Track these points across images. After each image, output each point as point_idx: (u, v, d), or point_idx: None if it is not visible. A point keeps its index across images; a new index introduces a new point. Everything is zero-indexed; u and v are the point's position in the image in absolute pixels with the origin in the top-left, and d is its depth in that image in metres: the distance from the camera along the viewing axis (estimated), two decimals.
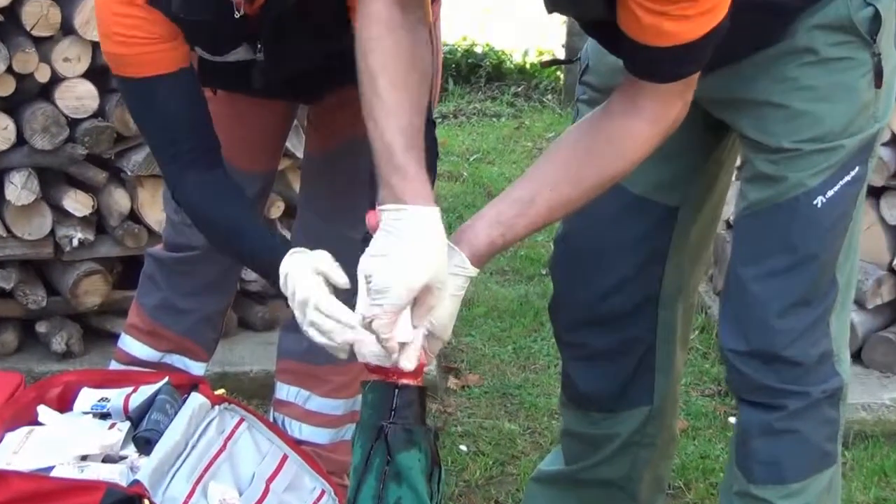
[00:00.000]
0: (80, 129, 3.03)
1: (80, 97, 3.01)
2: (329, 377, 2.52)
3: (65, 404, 2.27)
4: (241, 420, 2.28)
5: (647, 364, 2.22)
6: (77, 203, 3.09)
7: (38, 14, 2.96)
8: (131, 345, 2.59)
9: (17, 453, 2.09)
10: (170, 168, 2.15)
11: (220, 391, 2.33)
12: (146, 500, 1.98)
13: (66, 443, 2.11)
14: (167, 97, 2.07)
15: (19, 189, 3.02)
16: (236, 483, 2.19)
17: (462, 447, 3.03)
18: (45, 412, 2.21)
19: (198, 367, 2.61)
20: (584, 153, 1.74)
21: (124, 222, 3.14)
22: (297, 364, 2.56)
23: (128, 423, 2.19)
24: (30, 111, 3.00)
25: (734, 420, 2.65)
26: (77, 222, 3.11)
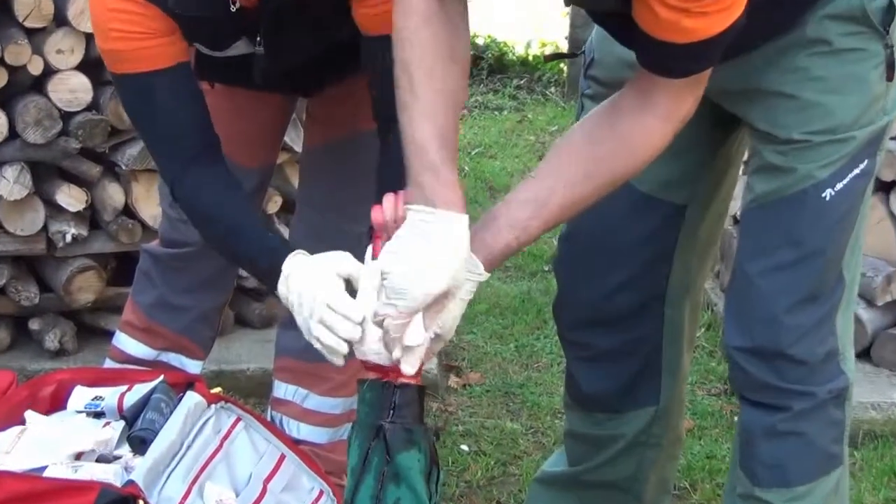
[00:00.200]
0: (74, 122, 3.02)
1: (73, 90, 2.99)
2: (328, 375, 2.50)
3: (58, 403, 2.26)
4: (238, 419, 2.27)
5: (653, 364, 2.21)
6: (70, 198, 3.07)
7: (31, 5, 2.95)
8: (126, 342, 2.58)
9: (9, 453, 2.08)
10: (169, 166, 2.13)
11: (217, 390, 2.32)
12: (141, 501, 1.97)
13: (59, 442, 2.10)
14: (166, 92, 2.06)
15: (11, 184, 3.00)
16: (233, 483, 2.19)
17: (463, 447, 3.01)
18: (32, 417, 2.19)
19: (194, 366, 2.60)
20: (596, 152, 1.71)
21: (118, 217, 3.13)
22: (295, 362, 2.54)
23: (122, 423, 2.18)
24: (22, 104, 2.98)
25: None
26: (70, 217, 3.10)
